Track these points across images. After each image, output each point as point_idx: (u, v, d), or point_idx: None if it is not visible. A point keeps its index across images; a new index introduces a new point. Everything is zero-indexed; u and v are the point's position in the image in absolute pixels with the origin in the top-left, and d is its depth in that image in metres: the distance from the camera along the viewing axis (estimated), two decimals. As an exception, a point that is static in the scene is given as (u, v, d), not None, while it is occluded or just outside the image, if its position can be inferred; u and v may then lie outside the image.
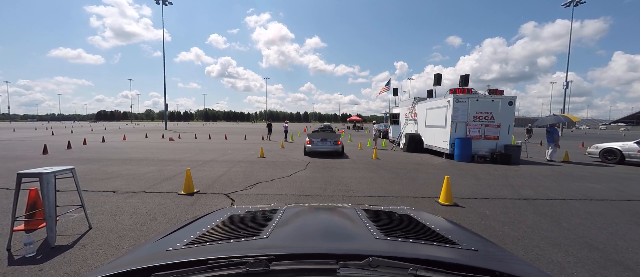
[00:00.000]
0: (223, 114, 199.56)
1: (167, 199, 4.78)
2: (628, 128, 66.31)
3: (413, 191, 5.83)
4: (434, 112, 12.88)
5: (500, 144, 11.09)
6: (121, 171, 7.53)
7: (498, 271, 0.78)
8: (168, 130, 35.03)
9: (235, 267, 0.74)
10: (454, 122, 11.08)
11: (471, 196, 5.40)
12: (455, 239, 1.05)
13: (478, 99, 11.10)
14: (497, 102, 11.09)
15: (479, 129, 11.14)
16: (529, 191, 5.88)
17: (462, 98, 11.07)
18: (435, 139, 12.64)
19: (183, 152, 12.46)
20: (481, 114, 11.11)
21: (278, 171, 7.83)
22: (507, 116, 11.16)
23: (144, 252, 0.99)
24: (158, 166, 8.39)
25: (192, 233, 1.11)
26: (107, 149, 13.35)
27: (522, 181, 7.05)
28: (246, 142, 18.27)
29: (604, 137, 32.03)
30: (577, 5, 36.21)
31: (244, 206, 1.64)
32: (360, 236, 1.06)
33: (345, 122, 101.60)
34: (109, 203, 4.50)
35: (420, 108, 14.80)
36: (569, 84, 38.77)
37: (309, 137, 11.77)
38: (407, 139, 14.51)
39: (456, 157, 10.89)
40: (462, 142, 10.76)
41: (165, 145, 15.87)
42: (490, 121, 11.14)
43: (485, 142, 11.13)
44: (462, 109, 11.08)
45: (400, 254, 0.83)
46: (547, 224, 3.91)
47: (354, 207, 1.54)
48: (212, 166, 8.61)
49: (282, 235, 1.06)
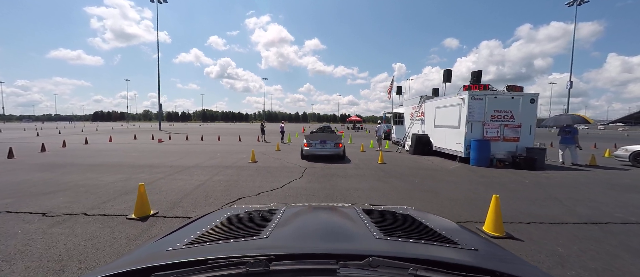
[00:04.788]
0: (221, 114, 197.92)
1: (108, 226, 3.49)
2: (626, 128, 64.98)
3: (440, 209, 4.55)
4: (444, 111, 11.64)
5: (520, 146, 9.85)
6: (79, 180, 6.24)
7: (498, 271, 0.77)
8: (162, 131, 33.62)
9: (235, 267, 0.73)
10: (469, 122, 9.84)
11: (518, 217, 4.12)
12: (455, 239, 1.04)
13: (496, 96, 9.87)
14: (517, 100, 9.86)
15: (497, 130, 9.90)
16: (584, 209, 4.62)
17: (478, 95, 9.83)
18: (446, 140, 11.39)
19: (167, 155, 11.16)
20: (500, 113, 9.88)
21: (268, 180, 6.55)
22: (529, 115, 9.93)
23: (144, 252, 0.98)
24: (128, 174, 7.10)
25: (192, 233, 1.10)
26: (85, 152, 12.03)
27: (564, 192, 5.81)
28: (239, 144, 16.98)
29: (610, 137, 30.90)
30: (580, 5, 35.27)
31: (244, 206, 1.61)
32: (360, 235, 1.05)
33: (344, 122, 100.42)
34: (21, 234, 3.21)
35: (428, 107, 13.56)
36: (572, 84, 37.85)
37: (307, 139, 10.48)
38: (413, 140, 13.25)
39: (472, 160, 9.64)
40: (480, 144, 9.51)
41: (152, 147, 14.56)
42: (509, 121, 9.90)
43: (503, 144, 9.89)
44: (478, 108, 9.84)
45: (401, 254, 0.82)
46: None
47: (354, 206, 1.51)
48: (191, 173, 7.33)
49: (282, 235, 1.05)
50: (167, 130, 37.16)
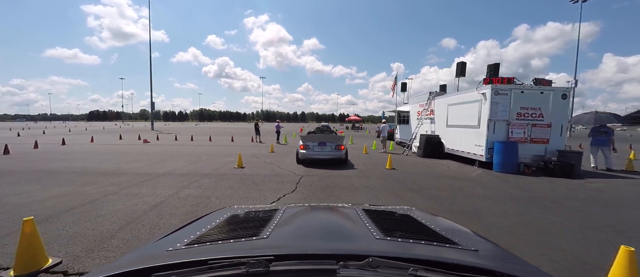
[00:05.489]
0: (219, 114, 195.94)
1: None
2: (624, 128, 63.60)
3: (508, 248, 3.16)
4: (460, 108, 10.25)
5: (550, 149, 8.50)
6: (9, 197, 4.80)
7: (498, 271, 0.76)
8: (154, 130, 32.05)
9: (235, 268, 0.72)
10: (491, 121, 8.46)
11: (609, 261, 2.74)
12: (455, 239, 1.02)
13: (523, 91, 8.49)
14: (547, 95, 8.48)
15: (524, 130, 8.53)
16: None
17: (502, 90, 8.45)
18: (462, 142, 10.00)
19: (144, 159, 9.71)
20: (527, 110, 8.50)
21: (252, 196, 5.14)
22: (560, 113, 8.55)
23: (144, 253, 0.97)
24: (77, 186, 5.66)
25: (192, 233, 1.09)
26: (53, 155, 10.55)
27: (635, 213, 4.43)
28: (230, 146, 15.54)
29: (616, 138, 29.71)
30: (585, 1, 33.92)
31: (244, 206, 1.57)
32: (360, 236, 1.04)
33: (343, 122, 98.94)
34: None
35: (439, 104, 12.17)
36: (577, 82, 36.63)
37: (304, 140, 9.04)
38: (422, 141, 11.86)
39: (496, 166, 8.26)
40: (506, 147, 8.13)
41: (133, 149, 13.10)
42: (538, 119, 8.53)
43: (530, 146, 8.52)
44: (502, 104, 8.46)
45: (400, 254, 0.81)
46: None
47: (354, 206, 1.48)
48: (157, 184, 5.90)
49: (282, 235, 1.04)
50: (160, 130, 35.59)
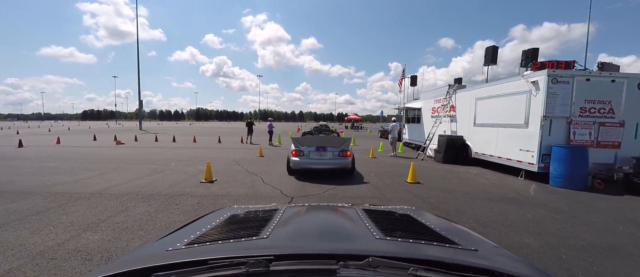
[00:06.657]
0: (216, 113, 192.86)
1: None
2: None
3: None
4: (494, 103, 8.13)
5: (622, 156, 6.41)
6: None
7: (498, 271, 0.76)
8: (142, 130, 29.73)
9: (235, 268, 0.72)
10: (547, 118, 6.36)
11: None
12: (455, 239, 1.01)
13: (589, 78, 6.39)
14: (619, 85, 6.39)
15: (589, 130, 6.43)
16: None
17: (562, 76, 6.34)
18: (498, 145, 7.89)
19: (95, 167, 7.51)
20: (593, 104, 6.42)
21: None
22: (636, 108, 6.48)
23: (144, 252, 0.96)
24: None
25: (192, 233, 1.08)
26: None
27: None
28: (215, 147, 13.37)
29: None
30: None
31: (244, 206, 1.56)
32: (360, 236, 1.03)
33: (342, 121, 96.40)
34: None
35: (462, 98, 10.03)
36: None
37: (297, 143, 6.75)
38: (442, 144, 9.73)
39: (557, 179, 6.13)
40: (572, 153, 6.01)
41: (96, 152, 10.89)
42: (608, 116, 6.45)
43: (597, 152, 6.42)
44: (562, 96, 6.36)
45: (400, 254, 0.81)
46: None
47: (354, 207, 1.47)
48: (54, 218, 3.76)
49: (282, 235, 1.03)
50: (148, 129, 33.26)
